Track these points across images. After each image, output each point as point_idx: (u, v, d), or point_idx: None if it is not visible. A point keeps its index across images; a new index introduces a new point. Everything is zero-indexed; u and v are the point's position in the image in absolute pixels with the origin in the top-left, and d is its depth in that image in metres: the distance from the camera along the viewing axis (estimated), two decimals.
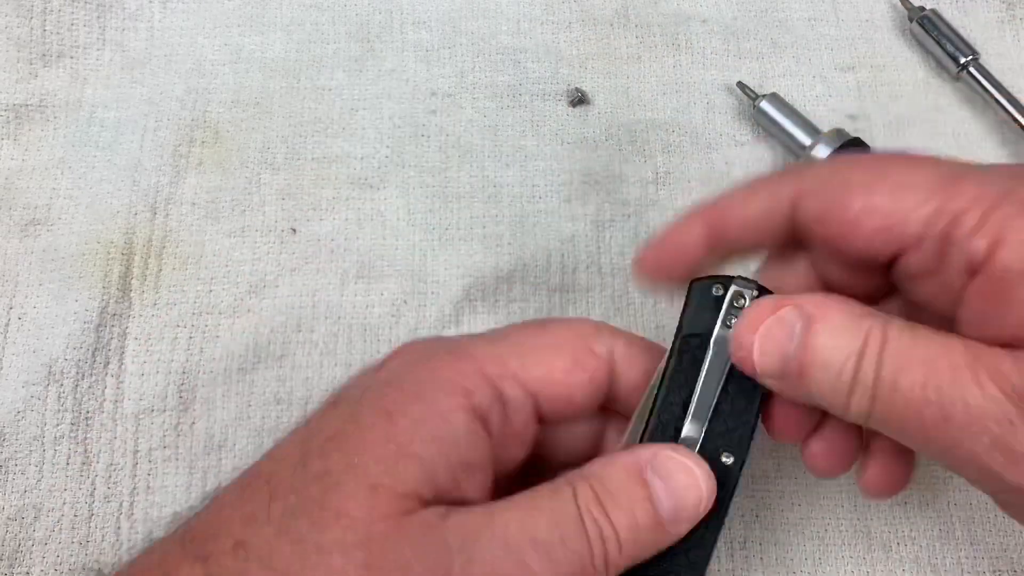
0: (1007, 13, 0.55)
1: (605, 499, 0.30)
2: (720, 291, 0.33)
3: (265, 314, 0.47)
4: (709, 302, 0.33)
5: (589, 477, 0.31)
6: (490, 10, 0.54)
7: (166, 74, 0.52)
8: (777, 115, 0.50)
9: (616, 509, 0.30)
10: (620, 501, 0.30)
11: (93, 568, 0.42)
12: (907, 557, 0.43)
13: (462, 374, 0.31)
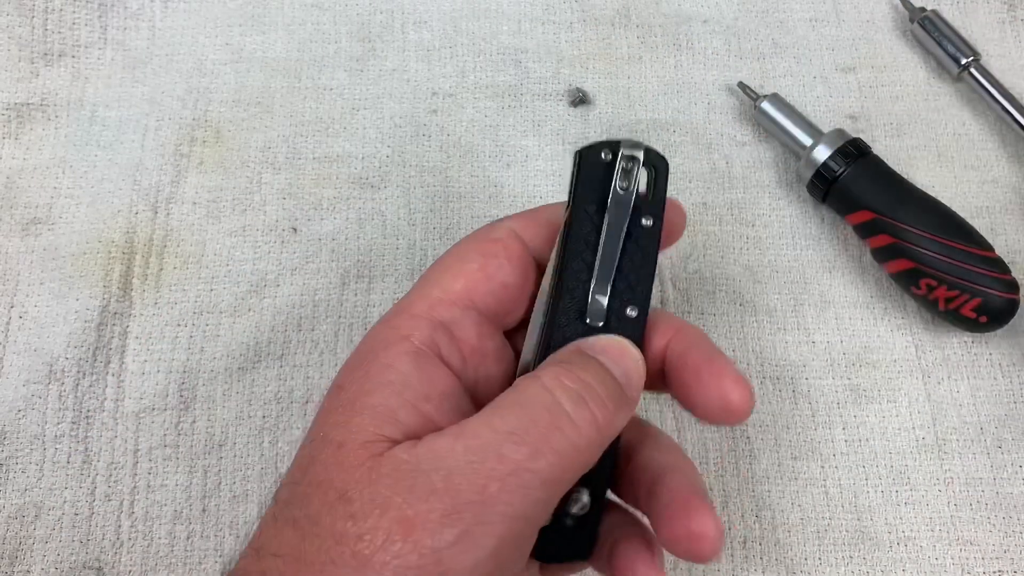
0: (1008, 14, 0.55)
1: (573, 368, 0.31)
2: (609, 156, 0.34)
3: (266, 313, 0.47)
4: (600, 168, 0.34)
5: (547, 364, 0.31)
6: (491, 10, 0.55)
7: (167, 73, 0.52)
8: (778, 115, 0.50)
9: (584, 371, 0.31)
10: (585, 367, 0.31)
11: (93, 566, 0.42)
12: (907, 557, 0.43)
13: (396, 327, 0.33)
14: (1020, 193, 0.51)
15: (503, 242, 0.35)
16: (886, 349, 0.47)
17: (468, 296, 0.33)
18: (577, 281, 0.34)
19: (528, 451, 0.28)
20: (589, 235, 0.34)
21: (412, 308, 0.33)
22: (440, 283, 0.34)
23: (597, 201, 0.34)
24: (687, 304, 0.48)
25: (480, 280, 0.34)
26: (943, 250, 0.45)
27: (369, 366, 0.32)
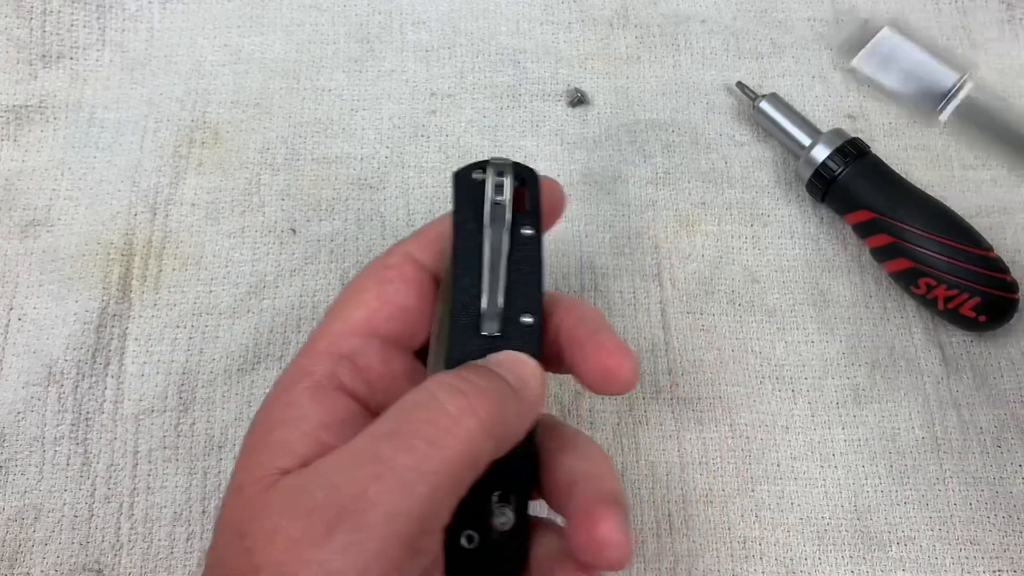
0: (1007, 13, 0.55)
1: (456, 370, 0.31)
2: (480, 175, 0.36)
3: (265, 315, 0.47)
4: (474, 187, 0.36)
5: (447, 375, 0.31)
6: (489, 10, 0.55)
7: (166, 75, 0.52)
8: (777, 115, 0.50)
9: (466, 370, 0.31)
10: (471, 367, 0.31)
11: (93, 568, 0.42)
12: (906, 557, 0.43)
13: (301, 366, 0.33)
14: (1020, 192, 0.51)
15: (397, 267, 0.36)
16: (885, 349, 0.47)
17: (368, 324, 0.34)
18: (469, 296, 0.35)
19: (405, 446, 0.28)
20: (473, 251, 0.35)
21: (316, 345, 0.34)
22: (341, 316, 0.34)
23: (476, 219, 0.36)
24: (686, 304, 0.48)
25: (378, 307, 0.34)
26: (942, 249, 0.45)
27: (272, 406, 0.33)
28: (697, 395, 0.46)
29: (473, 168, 0.36)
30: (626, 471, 0.45)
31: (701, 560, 0.43)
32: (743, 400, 0.46)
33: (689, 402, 0.46)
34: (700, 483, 0.44)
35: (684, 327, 0.47)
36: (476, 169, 0.36)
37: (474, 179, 0.36)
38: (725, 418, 0.46)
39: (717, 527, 0.44)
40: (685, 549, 0.43)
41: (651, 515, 0.44)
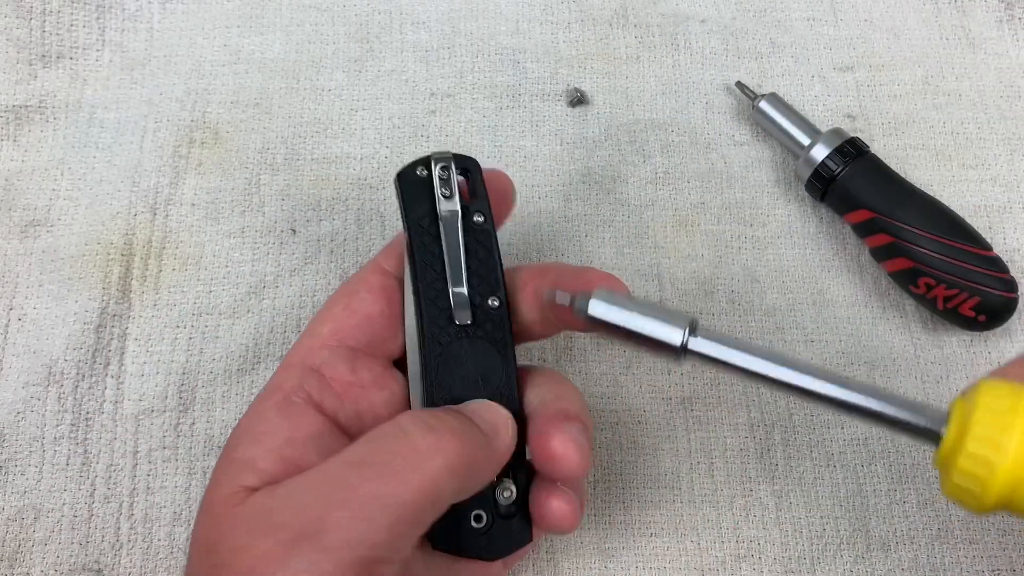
0: (1006, 13, 0.55)
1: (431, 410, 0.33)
2: (424, 171, 0.37)
3: (265, 315, 0.47)
4: (420, 184, 0.37)
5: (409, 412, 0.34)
6: (489, 10, 0.55)
7: (166, 75, 0.52)
8: (776, 115, 0.50)
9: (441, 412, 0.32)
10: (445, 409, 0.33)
11: (93, 568, 0.42)
12: (906, 557, 0.43)
13: (272, 382, 0.35)
14: (1019, 192, 0.51)
15: (365, 279, 0.37)
16: (885, 348, 0.47)
17: (336, 336, 0.35)
18: (435, 290, 0.36)
19: (372, 475, 0.29)
20: (431, 246, 0.37)
21: (288, 360, 0.35)
22: (311, 331, 0.36)
23: (427, 214, 0.37)
24: (685, 304, 0.48)
25: (344, 318, 0.36)
26: (942, 249, 0.45)
27: (243, 423, 0.34)
28: (695, 395, 0.46)
29: (416, 165, 0.37)
30: (624, 471, 0.45)
31: (700, 559, 0.43)
32: (742, 399, 0.46)
33: (688, 402, 0.46)
34: (699, 483, 0.44)
35: None
36: (419, 166, 0.37)
37: (419, 176, 0.37)
38: (724, 418, 0.46)
39: (717, 527, 0.44)
40: (684, 548, 0.43)
41: (650, 514, 0.44)
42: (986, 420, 0.29)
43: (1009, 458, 0.28)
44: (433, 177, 0.37)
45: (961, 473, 0.29)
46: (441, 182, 0.37)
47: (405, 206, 0.37)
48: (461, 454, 0.30)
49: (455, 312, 0.36)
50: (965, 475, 0.29)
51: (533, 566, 0.43)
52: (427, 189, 0.37)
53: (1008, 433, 0.28)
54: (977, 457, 0.29)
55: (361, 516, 0.28)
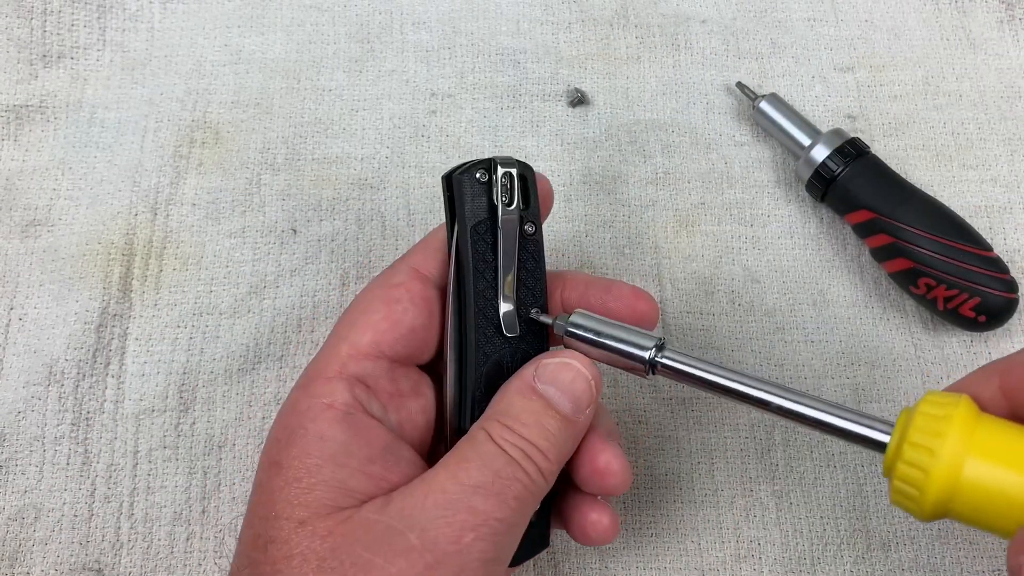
0: (1006, 13, 0.55)
1: (514, 425, 0.33)
2: (485, 176, 0.35)
3: (265, 314, 0.47)
4: (478, 188, 0.35)
5: (494, 416, 0.33)
6: (490, 11, 0.55)
7: (166, 75, 0.52)
8: (776, 115, 0.50)
9: (525, 427, 0.33)
10: (526, 420, 0.33)
11: (93, 568, 0.42)
12: (906, 557, 0.43)
13: (316, 394, 0.34)
14: (1019, 192, 0.51)
15: (404, 285, 0.35)
16: (885, 348, 0.47)
17: (377, 347, 0.34)
18: (484, 300, 0.35)
19: (495, 502, 0.31)
20: (485, 254, 0.35)
21: (326, 370, 0.34)
22: (348, 339, 0.35)
23: (483, 220, 0.35)
24: (685, 304, 0.48)
25: (386, 329, 0.35)
26: (942, 249, 0.45)
27: (303, 442, 0.33)
28: (696, 395, 0.46)
29: (475, 168, 0.35)
30: None
31: (700, 559, 0.43)
32: None
33: (688, 403, 0.46)
34: (699, 483, 0.44)
35: (684, 327, 0.47)
36: (478, 169, 0.35)
37: (478, 180, 0.35)
38: (724, 419, 0.46)
39: (717, 527, 0.44)
40: (684, 548, 0.43)
41: (650, 514, 0.44)
42: (922, 427, 0.30)
43: (942, 463, 0.29)
44: (495, 183, 0.35)
45: (899, 479, 0.30)
46: (503, 188, 0.35)
47: (460, 209, 0.35)
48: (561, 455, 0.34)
49: (504, 324, 0.35)
50: (903, 481, 0.30)
51: (534, 566, 0.43)
52: (486, 194, 0.35)
53: (941, 439, 0.29)
54: (913, 463, 0.29)
55: (490, 537, 0.31)
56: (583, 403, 0.34)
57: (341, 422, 0.33)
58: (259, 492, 0.33)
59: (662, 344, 0.35)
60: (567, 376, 0.34)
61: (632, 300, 0.37)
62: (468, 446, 0.33)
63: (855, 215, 0.47)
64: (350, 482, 0.32)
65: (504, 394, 0.34)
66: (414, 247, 0.37)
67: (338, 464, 0.32)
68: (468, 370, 0.35)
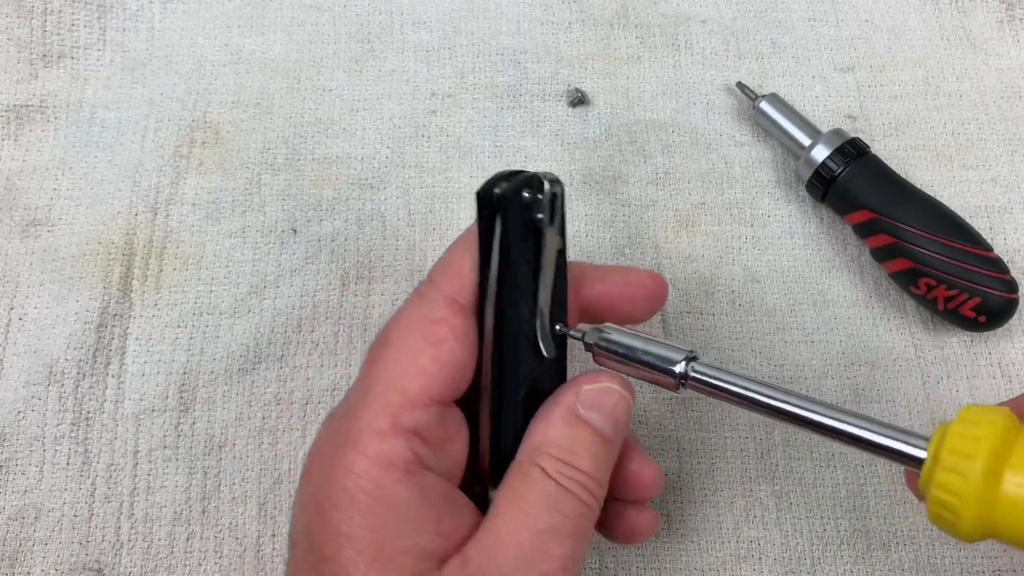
0: (1006, 13, 0.55)
1: (570, 459, 0.33)
2: (529, 193, 0.33)
3: (266, 315, 0.47)
4: (525, 208, 0.33)
5: (545, 447, 0.33)
6: (490, 11, 0.55)
7: (167, 75, 0.52)
8: (777, 115, 0.50)
9: (580, 459, 0.33)
10: (580, 451, 0.33)
11: (93, 568, 0.42)
12: (906, 557, 0.43)
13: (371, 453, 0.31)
14: (1020, 192, 0.51)
15: (447, 321, 0.33)
16: (885, 349, 0.47)
17: (427, 394, 0.32)
18: (525, 321, 0.34)
19: (570, 544, 0.32)
20: (526, 274, 0.34)
21: (376, 423, 0.32)
22: (395, 386, 0.32)
23: (525, 238, 0.33)
24: (685, 304, 0.48)
25: (434, 372, 0.32)
26: (942, 250, 0.45)
27: (373, 510, 0.31)
28: (696, 395, 0.46)
29: (520, 187, 0.33)
30: None
31: (700, 559, 0.43)
32: None
33: (688, 403, 0.46)
34: (699, 483, 0.44)
35: (684, 327, 0.47)
36: (524, 190, 0.33)
37: (525, 199, 0.33)
38: (724, 419, 0.46)
39: (717, 527, 0.44)
40: (684, 548, 0.43)
41: None
42: (953, 448, 0.28)
43: (971, 486, 0.28)
44: (543, 204, 0.33)
45: (933, 502, 0.29)
46: (549, 208, 0.34)
47: (507, 229, 0.33)
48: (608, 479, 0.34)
49: (544, 346, 0.34)
50: (937, 504, 0.29)
51: None
52: (531, 214, 0.33)
53: (972, 461, 0.28)
54: (945, 485, 0.28)
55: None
56: (623, 426, 0.35)
57: (405, 482, 0.31)
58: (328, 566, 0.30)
59: (693, 357, 0.34)
60: (610, 402, 0.34)
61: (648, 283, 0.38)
62: (524, 485, 0.32)
63: (855, 215, 0.47)
64: (428, 546, 0.31)
65: (548, 423, 0.34)
66: (440, 269, 0.34)
67: (412, 529, 0.31)
68: (510, 396, 0.34)
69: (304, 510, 0.32)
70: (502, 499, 0.32)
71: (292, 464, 0.44)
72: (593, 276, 0.37)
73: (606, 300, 0.37)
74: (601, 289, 0.37)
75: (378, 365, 0.33)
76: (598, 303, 0.37)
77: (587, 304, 0.37)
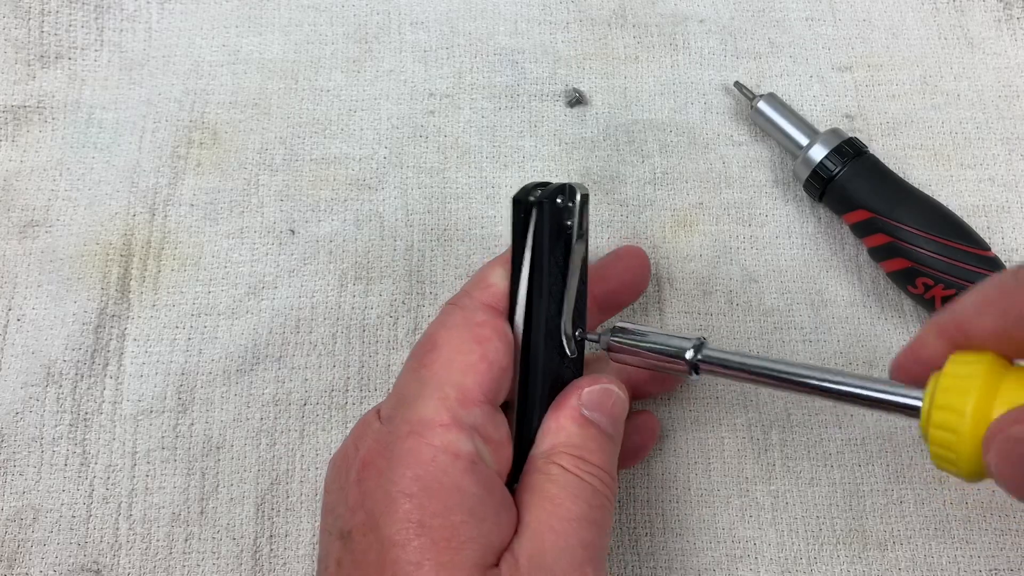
0: (1004, 12, 0.55)
1: (586, 455, 0.35)
2: (562, 200, 0.36)
3: (264, 315, 0.47)
4: (558, 215, 0.36)
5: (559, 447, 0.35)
6: (488, 11, 0.55)
7: (164, 75, 0.52)
8: (774, 115, 0.50)
9: (594, 455, 0.35)
10: (592, 447, 0.35)
11: (92, 569, 0.42)
12: (903, 556, 0.43)
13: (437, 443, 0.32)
14: (1017, 192, 0.51)
15: (490, 323, 0.35)
16: (883, 348, 0.47)
17: (480, 391, 0.34)
18: (553, 324, 0.36)
19: (597, 531, 0.34)
20: (556, 278, 0.36)
21: (439, 417, 0.33)
22: (450, 381, 0.33)
23: (556, 243, 0.36)
24: (683, 304, 0.48)
25: (484, 371, 0.34)
26: (940, 249, 0.45)
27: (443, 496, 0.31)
28: (693, 395, 0.46)
29: (554, 195, 0.35)
30: (622, 470, 0.45)
31: (696, 559, 0.43)
32: (739, 400, 0.46)
33: (686, 402, 0.46)
34: (696, 482, 0.44)
35: (682, 327, 0.47)
36: (557, 196, 0.35)
37: (558, 206, 0.36)
38: (722, 419, 0.46)
39: (712, 526, 0.44)
40: (680, 548, 0.43)
41: (646, 514, 0.44)
42: (948, 387, 0.29)
43: (967, 422, 0.28)
44: (574, 212, 0.36)
45: (934, 444, 0.30)
46: (578, 216, 0.36)
47: (541, 236, 0.35)
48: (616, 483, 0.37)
49: (567, 346, 0.36)
50: (937, 445, 0.30)
51: None
52: (562, 221, 0.36)
53: (966, 397, 0.29)
54: (943, 425, 0.29)
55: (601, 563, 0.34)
56: (621, 422, 0.37)
57: (471, 473, 0.32)
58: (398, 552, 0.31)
59: (701, 343, 0.36)
60: (609, 401, 0.36)
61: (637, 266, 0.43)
62: (547, 481, 0.34)
63: (853, 215, 0.47)
64: (490, 537, 0.32)
65: (558, 424, 0.36)
66: (474, 283, 0.37)
67: (478, 519, 0.32)
68: (535, 394, 0.36)
69: (366, 500, 0.32)
70: (527, 496, 0.34)
71: (290, 465, 0.45)
72: (596, 277, 0.41)
73: (611, 295, 0.42)
74: (604, 287, 0.41)
75: (429, 366, 0.34)
76: (604, 300, 0.42)
77: (598, 302, 0.41)
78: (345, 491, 0.34)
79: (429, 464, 0.32)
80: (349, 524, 0.33)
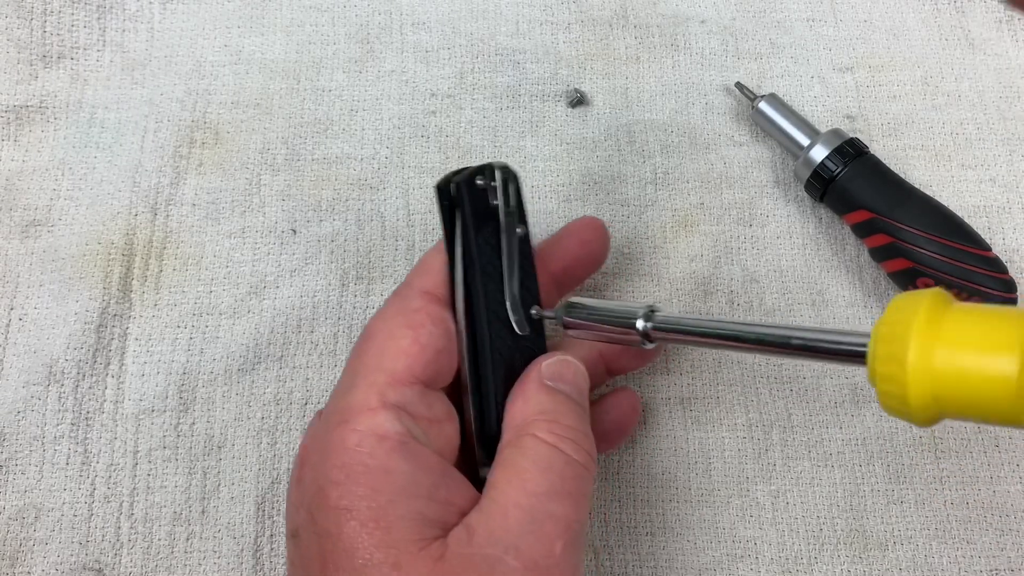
0: (1005, 13, 0.55)
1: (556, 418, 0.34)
2: (483, 181, 0.36)
3: (265, 315, 0.47)
4: (481, 195, 0.36)
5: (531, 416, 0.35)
6: (489, 11, 0.55)
7: (166, 75, 0.52)
8: (775, 115, 0.50)
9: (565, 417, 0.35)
10: (563, 411, 0.35)
11: (93, 568, 0.43)
12: (903, 556, 0.43)
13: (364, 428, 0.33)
14: (1018, 192, 0.51)
15: (424, 309, 0.35)
16: None
17: (411, 373, 0.34)
18: (496, 303, 0.36)
19: (571, 504, 0.32)
20: (491, 259, 0.36)
21: (367, 402, 0.33)
22: (381, 367, 0.34)
23: (489, 226, 0.36)
24: (684, 304, 0.48)
25: (416, 353, 0.34)
26: (941, 249, 0.45)
27: (369, 479, 0.32)
28: (694, 395, 0.46)
29: (473, 176, 0.36)
30: (622, 469, 0.45)
31: (696, 559, 0.43)
32: (740, 400, 0.46)
33: (686, 402, 0.46)
34: (696, 483, 0.45)
35: None
36: (477, 176, 0.36)
37: (479, 186, 0.36)
38: (722, 419, 0.46)
39: (713, 526, 0.44)
40: (680, 548, 0.43)
41: (646, 514, 0.44)
42: (891, 322, 0.29)
43: (908, 360, 0.28)
44: (497, 189, 0.36)
45: (881, 381, 0.29)
46: (503, 194, 0.37)
47: (466, 217, 0.36)
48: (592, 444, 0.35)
49: (516, 324, 0.36)
50: (884, 394, 0.29)
51: None
52: (486, 201, 0.36)
53: (908, 330, 0.28)
54: (887, 366, 0.29)
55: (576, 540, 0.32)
56: (585, 392, 0.37)
57: (399, 452, 0.32)
58: (332, 542, 0.31)
59: (652, 311, 0.36)
60: (569, 371, 0.36)
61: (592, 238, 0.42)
62: (519, 455, 0.33)
63: (854, 215, 0.47)
64: (426, 512, 0.32)
65: (525, 397, 0.35)
66: (415, 272, 0.37)
67: (410, 496, 0.32)
68: (487, 374, 0.36)
69: (304, 496, 0.33)
70: (498, 472, 0.33)
71: (291, 464, 0.45)
72: (552, 255, 0.41)
73: (570, 270, 0.41)
74: (560, 263, 0.41)
75: (361, 356, 0.35)
76: (564, 275, 0.41)
77: (557, 279, 0.41)
78: (290, 491, 0.35)
79: (354, 450, 0.32)
80: (295, 523, 0.33)
